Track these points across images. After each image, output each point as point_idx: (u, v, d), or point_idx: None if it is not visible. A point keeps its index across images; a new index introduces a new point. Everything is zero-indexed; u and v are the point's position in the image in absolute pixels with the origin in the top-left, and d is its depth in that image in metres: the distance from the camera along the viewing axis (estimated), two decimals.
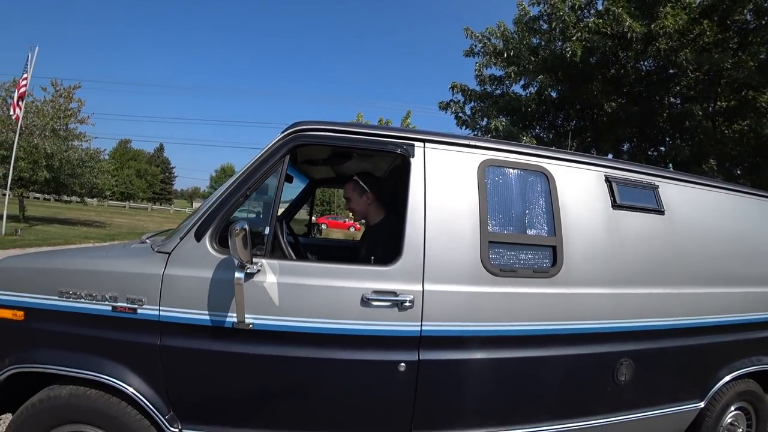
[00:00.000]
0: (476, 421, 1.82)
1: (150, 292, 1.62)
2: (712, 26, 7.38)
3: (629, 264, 2.07)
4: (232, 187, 1.71)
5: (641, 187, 2.24)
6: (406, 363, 1.68)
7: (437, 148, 1.89)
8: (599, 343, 1.96)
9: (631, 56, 7.62)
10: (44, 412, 1.65)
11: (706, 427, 2.40)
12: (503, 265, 1.83)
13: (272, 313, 1.62)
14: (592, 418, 2.02)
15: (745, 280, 2.50)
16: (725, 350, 2.41)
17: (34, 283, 1.72)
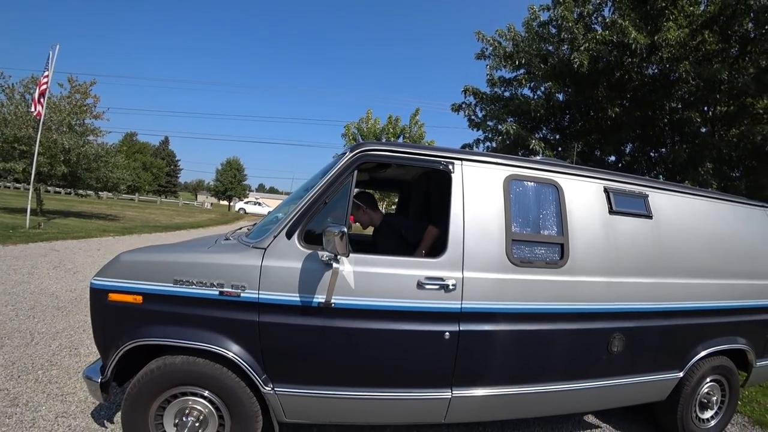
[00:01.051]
0: (501, 380, 2.32)
1: (251, 279, 2.07)
2: (713, 36, 7.73)
3: (622, 258, 2.55)
4: (314, 197, 2.17)
5: (633, 196, 2.72)
6: (450, 333, 2.17)
7: (472, 165, 2.38)
8: (596, 320, 2.46)
9: (636, 62, 7.98)
10: (161, 376, 2.10)
11: (685, 394, 2.88)
12: (523, 258, 2.33)
13: (349, 294, 2.09)
14: (590, 380, 2.51)
15: (720, 273, 2.95)
16: (701, 330, 2.88)
17: (151, 273, 2.11)
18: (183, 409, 2.15)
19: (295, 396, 2.12)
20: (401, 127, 17.78)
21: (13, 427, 2.43)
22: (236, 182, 48.79)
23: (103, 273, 2.17)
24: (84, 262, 7.72)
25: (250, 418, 2.14)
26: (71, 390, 2.95)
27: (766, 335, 3.21)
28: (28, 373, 3.12)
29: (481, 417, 2.45)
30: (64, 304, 4.92)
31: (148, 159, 57.58)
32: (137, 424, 2.11)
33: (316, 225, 2.18)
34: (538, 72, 8.59)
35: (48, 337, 3.86)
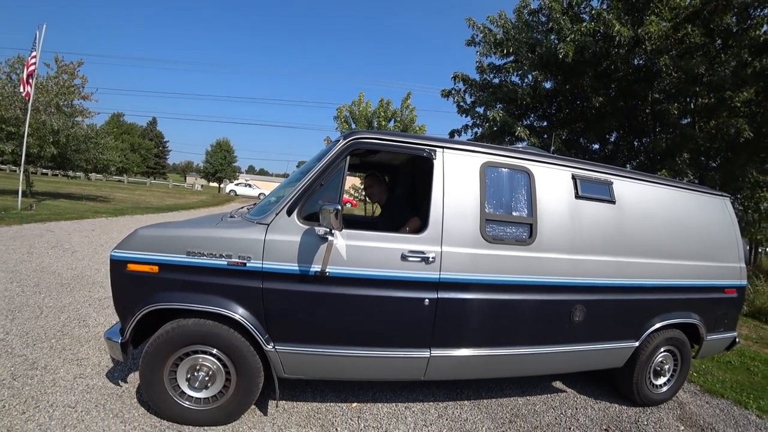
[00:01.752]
0: (474, 342, 2.64)
1: (255, 251, 2.34)
2: (697, 30, 7.97)
3: (585, 238, 2.87)
4: (311, 180, 2.43)
5: (599, 182, 3.02)
6: (429, 299, 2.48)
7: (452, 153, 2.65)
8: (560, 293, 2.78)
9: (621, 54, 8.21)
10: (175, 336, 2.37)
11: (640, 362, 3.23)
12: (495, 236, 2.64)
13: (342, 264, 2.37)
14: (554, 346, 2.85)
15: (678, 255, 3.26)
16: (657, 305, 3.20)
17: (166, 246, 2.36)
18: (194, 365, 2.44)
19: (293, 354, 2.42)
20: (392, 110, 17.88)
21: (35, 387, 2.68)
22: (226, 164, 48.28)
23: (122, 246, 2.41)
24: (80, 242, 7.87)
25: (253, 373, 2.43)
26: (85, 356, 3.20)
27: (717, 312, 3.55)
28: (42, 342, 3.35)
29: (456, 375, 2.78)
30: (67, 281, 5.13)
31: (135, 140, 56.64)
32: (154, 378, 2.39)
33: (312, 204, 2.44)
34: (525, 61, 8.78)
35: (56, 311, 4.09)
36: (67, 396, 2.62)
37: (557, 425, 2.96)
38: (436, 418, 2.88)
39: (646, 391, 3.35)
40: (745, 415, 3.47)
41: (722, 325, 3.63)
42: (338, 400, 2.97)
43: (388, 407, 2.95)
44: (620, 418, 3.17)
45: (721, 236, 3.58)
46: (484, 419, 2.93)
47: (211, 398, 2.48)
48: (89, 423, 2.37)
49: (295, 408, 2.81)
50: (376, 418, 2.80)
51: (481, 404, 3.14)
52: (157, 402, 2.44)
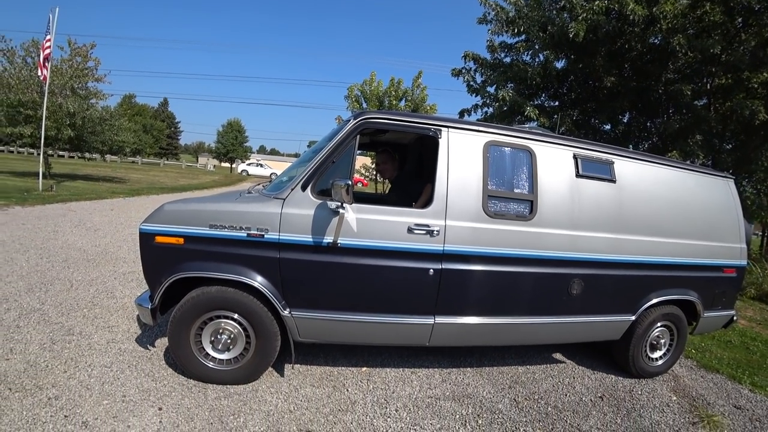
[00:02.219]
0: (476, 311, 2.81)
1: (273, 223, 2.52)
2: (715, 9, 7.76)
3: (584, 216, 2.99)
4: (323, 157, 2.59)
5: (600, 162, 3.12)
6: (433, 270, 2.65)
7: (457, 132, 2.78)
8: (558, 266, 2.92)
9: (636, 32, 8.05)
10: (199, 302, 2.59)
11: (636, 335, 3.38)
12: (497, 211, 2.78)
13: (352, 236, 2.54)
14: (552, 317, 3.01)
15: (677, 233, 3.35)
16: (654, 281, 3.32)
17: (190, 219, 2.55)
18: (217, 329, 2.67)
19: (307, 319, 2.63)
20: (404, 90, 17.75)
21: (73, 350, 2.94)
22: (237, 144, 48.57)
23: (149, 220, 2.62)
24: (101, 221, 8.19)
25: (271, 336, 2.65)
26: (115, 323, 3.46)
27: (715, 290, 3.65)
28: (75, 311, 3.62)
29: (459, 342, 2.97)
30: (92, 257, 5.42)
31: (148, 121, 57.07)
32: (181, 341, 2.62)
33: (325, 180, 2.60)
34: (536, 40, 8.68)
35: (85, 284, 4.36)
36: (103, 358, 2.87)
37: (554, 392, 3.14)
38: (440, 382, 3.09)
39: (642, 364, 3.50)
40: (738, 389, 3.61)
41: (720, 303, 3.74)
42: (349, 365, 3.19)
43: (396, 372, 3.17)
44: (615, 387, 3.34)
45: (723, 217, 3.65)
46: (485, 384, 3.13)
47: (233, 359, 2.71)
48: (124, 381, 2.62)
49: (309, 371, 3.04)
50: (384, 381, 3.02)
51: (483, 371, 3.34)
52: (184, 362, 2.68)
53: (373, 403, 2.72)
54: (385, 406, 2.69)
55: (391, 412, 2.64)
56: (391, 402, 2.75)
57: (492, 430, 2.58)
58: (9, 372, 2.56)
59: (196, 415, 2.37)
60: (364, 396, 2.79)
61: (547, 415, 2.82)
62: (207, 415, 2.38)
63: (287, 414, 2.49)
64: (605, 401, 3.09)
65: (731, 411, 3.20)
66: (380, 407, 2.68)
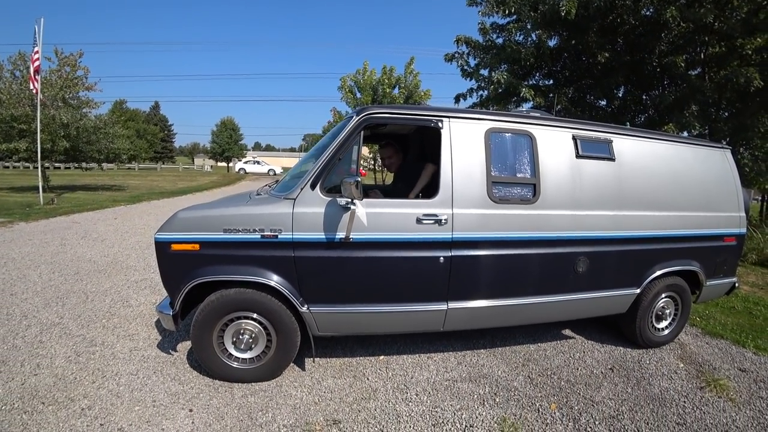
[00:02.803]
0: (487, 294, 2.90)
1: (285, 223, 2.59)
2: None
3: (586, 195, 3.06)
4: (330, 155, 2.64)
5: (599, 141, 3.17)
6: (444, 257, 2.73)
7: (458, 121, 2.83)
8: (563, 246, 3.00)
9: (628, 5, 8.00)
10: (219, 305, 2.66)
11: (642, 308, 3.48)
12: (501, 197, 2.86)
13: (363, 230, 2.61)
14: (560, 295, 3.10)
15: (677, 206, 3.43)
16: (656, 254, 3.40)
17: (204, 225, 2.61)
18: (239, 329, 2.76)
19: (325, 313, 2.71)
20: (396, 77, 17.66)
21: (97, 360, 3.03)
22: (233, 142, 48.37)
23: (163, 229, 2.68)
24: (106, 230, 8.26)
25: (291, 333, 2.74)
26: (135, 332, 3.55)
27: (716, 259, 3.74)
28: (94, 322, 3.70)
29: (472, 325, 3.06)
30: (103, 268, 5.49)
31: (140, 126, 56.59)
32: (204, 343, 2.71)
33: (332, 177, 2.68)
34: (528, 20, 8.63)
35: (100, 295, 4.45)
36: (128, 366, 2.96)
37: (566, 367, 3.25)
38: (456, 365, 3.20)
39: (649, 335, 3.61)
40: (742, 353, 3.72)
41: (722, 271, 3.83)
42: (367, 354, 3.30)
43: (412, 358, 3.28)
44: (624, 358, 3.45)
45: (721, 187, 3.72)
46: (499, 364, 3.24)
47: (256, 358, 2.81)
48: (152, 386, 2.72)
49: (329, 363, 3.14)
50: (402, 367, 3.13)
51: (496, 351, 3.45)
52: (209, 364, 2.77)
53: (393, 389, 2.83)
54: (406, 392, 2.80)
55: (412, 397, 2.74)
56: (411, 387, 2.86)
57: (509, 407, 2.69)
58: (39, 387, 2.64)
59: (226, 413, 2.47)
60: (384, 383, 2.90)
61: (561, 389, 2.93)
62: (236, 413, 2.48)
63: (313, 406, 2.59)
64: (615, 372, 3.20)
65: (736, 374, 3.31)
66: (401, 393, 2.79)
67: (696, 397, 2.91)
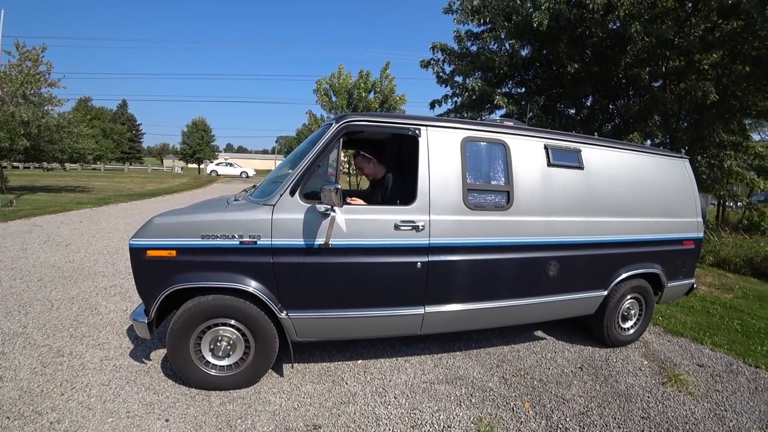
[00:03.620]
0: (463, 298, 2.98)
1: (264, 229, 2.59)
2: None
3: (557, 202, 3.19)
4: (309, 162, 2.66)
5: (569, 151, 3.33)
6: (421, 263, 2.79)
7: (435, 130, 2.91)
8: (536, 251, 3.13)
9: (596, 19, 8.38)
10: (197, 312, 2.63)
11: (609, 309, 3.65)
12: (476, 203, 2.95)
13: (342, 236, 2.64)
14: (533, 297, 3.22)
15: (641, 212, 3.62)
16: (622, 258, 3.58)
17: (181, 231, 2.57)
18: (216, 336, 2.73)
19: (304, 319, 2.72)
20: (372, 81, 17.75)
21: (65, 371, 2.90)
22: (204, 143, 47.14)
23: (139, 235, 2.62)
24: (71, 234, 7.91)
25: (269, 339, 2.73)
26: (105, 340, 3.43)
27: (676, 262, 3.97)
28: (61, 332, 3.55)
29: (448, 328, 3.13)
30: (68, 274, 5.26)
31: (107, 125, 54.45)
32: (181, 351, 2.67)
33: (312, 184, 2.69)
34: (501, 29, 8.89)
35: (66, 302, 4.26)
36: (99, 376, 2.86)
37: (538, 367, 3.38)
38: (433, 367, 3.27)
39: (615, 334, 3.80)
40: (700, 349, 3.96)
41: (681, 273, 4.07)
42: (345, 359, 3.32)
43: (390, 362, 3.32)
44: (593, 357, 3.61)
45: (680, 194, 3.96)
46: (474, 366, 3.33)
47: (234, 365, 2.78)
48: (125, 397, 2.64)
49: (308, 368, 3.15)
50: (380, 371, 3.16)
51: (471, 353, 3.54)
52: (186, 372, 2.72)
53: (372, 393, 2.86)
54: (384, 395, 2.84)
55: (391, 400, 2.78)
56: (389, 390, 2.90)
57: (485, 407, 2.77)
58: (3, 401, 2.52)
59: (204, 422, 2.44)
60: (363, 387, 2.93)
61: (534, 388, 3.04)
62: (215, 421, 2.45)
63: (292, 411, 2.59)
64: (585, 371, 3.35)
65: (695, 369, 3.52)
66: (380, 396, 2.82)
67: (659, 392, 3.09)
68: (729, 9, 7.65)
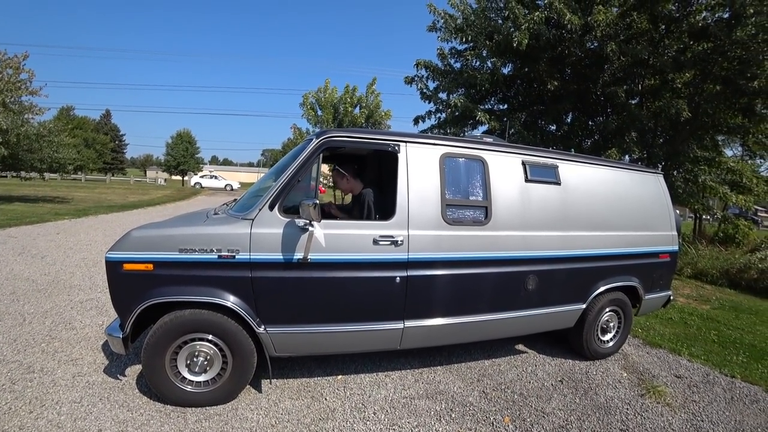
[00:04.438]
0: (442, 313, 3.00)
1: (243, 244, 2.58)
2: (642, 16, 8.52)
3: (534, 217, 3.26)
4: (289, 177, 2.67)
5: (546, 167, 3.41)
6: (400, 277, 2.81)
7: (414, 146, 2.96)
8: (514, 265, 3.17)
9: (574, 39, 8.68)
10: (173, 326, 2.58)
11: (588, 322, 3.71)
12: (455, 219, 2.99)
13: (321, 251, 2.65)
14: (512, 312, 3.25)
15: (617, 226, 3.72)
16: (600, 271, 3.66)
17: (159, 244, 2.55)
18: (193, 352, 2.68)
19: (282, 334, 2.70)
20: (358, 96, 17.94)
21: (36, 388, 2.81)
22: (189, 155, 46.71)
23: (115, 248, 2.59)
24: (47, 246, 7.71)
25: (247, 354, 2.70)
26: (78, 356, 3.33)
27: (653, 275, 4.07)
28: (32, 347, 3.44)
29: (428, 343, 3.14)
30: (43, 287, 5.11)
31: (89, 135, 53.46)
32: (157, 366, 2.61)
33: (291, 199, 2.70)
34: (483, 48, 9.13)
35: (39, 317, 4.13)
36: (71, 393, 2.77)
37: (519, 381, 3.39)
38: (413, 382, 3.26)
39: (595, 347, 3.85)
40: (678, 360, 4.04)
41: (658, 285, 4.17)
42: (325, 374, 3.28)
43: (370, 377, 3.30)
44: (573, 370, 3.65)
45: (655, 208, 4.08)
46: (455, 380, 3.33)
47: (210, 381, 2.73)
48: (98, 414, 2.56)
49: (287, 384, 3.11)
50: (359, 386, 3.14)
51: (452, 368, 3.55)
52: (161, 388, 2.66)
53: (351, 408, 2.83)
54: (363, 411, 2.82)
55: (370, 416, 2.76)
56: (368, 406, 2.88)
57: (465, 422, 2.77)
58: None
59: None
60: (342, 403, 2.90)
61: (514, 402, 3.05)
62: None
63: (269, 428, 2.55)
64: (565, 384, 3.38)
65: (673, 380, 3.59)
66: (359, 412, 2.80)
67: (638, 404, 3.13)
68: (699, 31, 8.02)
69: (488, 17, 9.21)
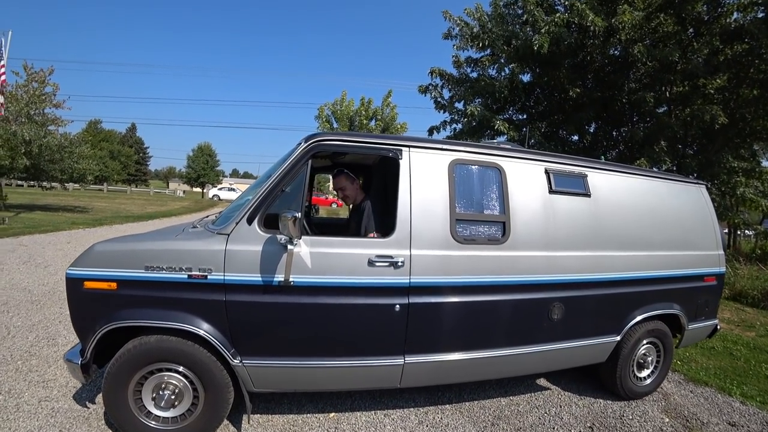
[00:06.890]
0: (450, 347, 2.55)
1: (216, 263, 2.22)
2: (669, 18, 8.04)
3: (560, 234, 2.80)
4: (272, 186, 2.32)
5: (573, 176, 2.96)
6: (400, 305, 2.39)
7: (418, 151, 2.56)
8: (536, 291, 2.71)
9: (597, 44, 8.25)
10: (137, 355, 2.25)
11: (623, 356, 3.19)
12: (467, 236, 2.55)
13: (307, 272, 2.27)
14: (534, 345, 2.78)
15: (655, 245, 3.22)
16: (636, 298, 3.15)
17: (123, 261, 2.23)
18: (159, 384, 2.32)
19: (261, 367, 2.31)
20: (374, 109, 17.78)
21: None
22: (209, 168, 47.78)
23: (77, 263, 2.28)
24: (54, 255, 7.60)
25: (221, 389, 2.32)
26: (52, 377, 3.05)
27: (697, 301, 3.53)
28: (7, 364, 3.19)
29: (434, 381, 2.70)
30: (37, 298, 4.92)
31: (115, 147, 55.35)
32: (118, 399, 2.26)
33: (274, 211, 2.32)
34: (501, 54, 8.76)
35: (24, 330, 3.90)
36: (30, 421, 2.49)
37: (541, 425, 2.90)
38: (417, 424, 2.80)
39: (630, 385, 3.32)
40: (729, 402, 3.47)
41: (703, 313, 3.62)
42: (315, 411, 2.87)
43: (367, 416, 2.86)
44: (605, 413, 3.13)
45: (698, 224, 3.57)
46: (465, 423, 2.85)
47: (180, 417, 2.36)
48: None
49: (270, 421, 2.70)
50: (353, 428, 2.70)
51: (462, 407, 3.07)
52: (123, 424, 2.31)
53: None
54: None
55: None
56: None
57: None
58: None
59: None
60: None
61: None
62: None
63: None
64: (596, 431, 2.87)
65: (726, 429, 3.04)
66: None
67: None
68: (733, 33, 7.47)
69: (506, 21, 8.86)
